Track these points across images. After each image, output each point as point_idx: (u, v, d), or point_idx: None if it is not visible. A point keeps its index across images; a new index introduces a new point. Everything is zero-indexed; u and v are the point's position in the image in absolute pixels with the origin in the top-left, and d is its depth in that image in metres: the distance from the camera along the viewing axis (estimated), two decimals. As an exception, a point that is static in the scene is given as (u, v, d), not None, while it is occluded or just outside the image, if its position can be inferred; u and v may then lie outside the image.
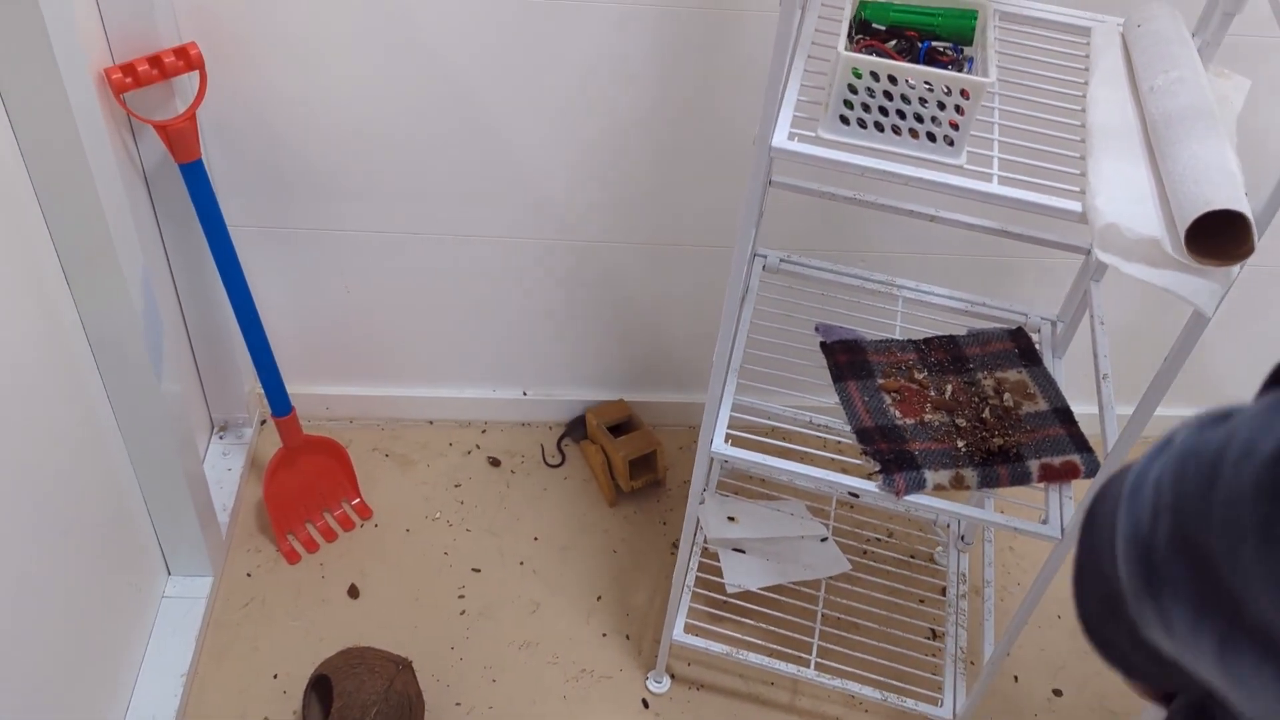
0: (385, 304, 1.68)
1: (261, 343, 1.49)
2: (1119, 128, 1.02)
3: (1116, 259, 0.92)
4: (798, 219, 1.59)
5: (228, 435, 1.73)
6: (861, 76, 0.96)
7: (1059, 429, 1.26)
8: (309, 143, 1.46)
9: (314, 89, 1.41)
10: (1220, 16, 1.11)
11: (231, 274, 1.43)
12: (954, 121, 0.97)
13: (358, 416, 1.82)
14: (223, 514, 1.62)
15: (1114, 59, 1.10)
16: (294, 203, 1.53)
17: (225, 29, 1.34)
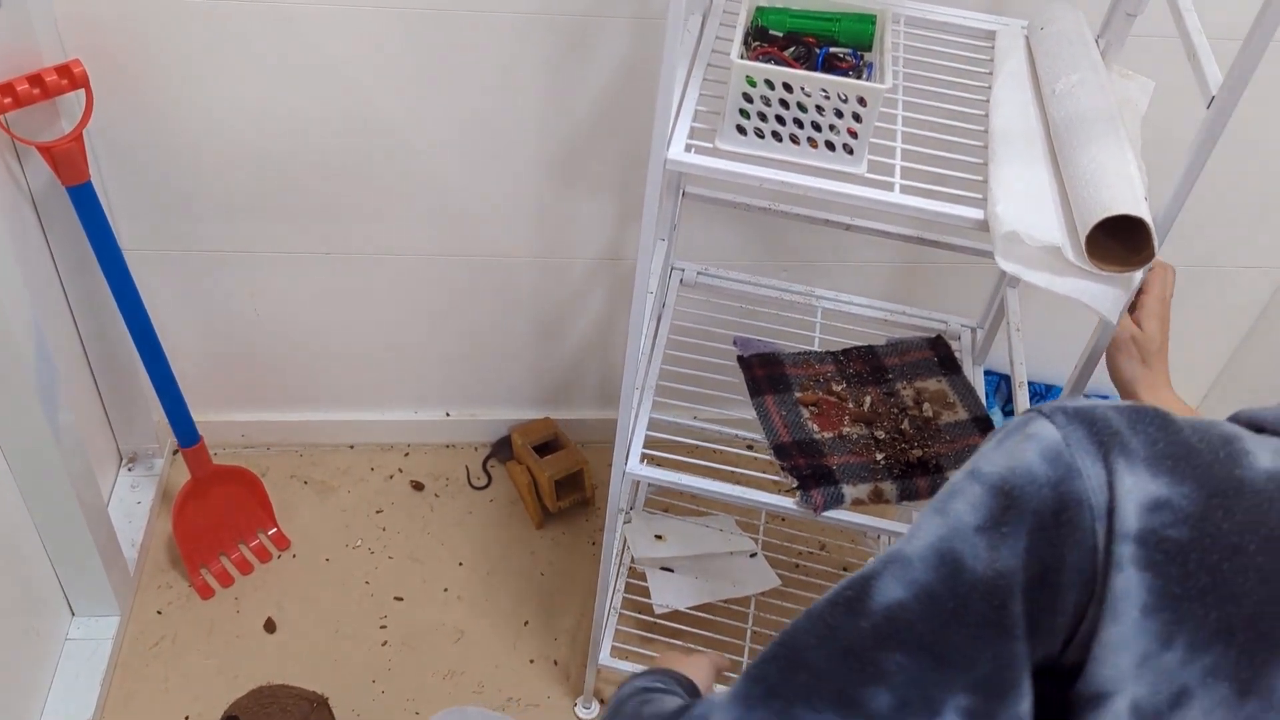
0: (298, 326, 1.62)
1: (163, 371, 1.43)
2: (1021, 132, 1.00)
3: (1018, 267, 0.90)
4: (718, 231, 1.57)
5: (137, 467, 1.67)
6: (756, 85, 0.93)
7: (978, 438, 1.25)
8: (208, 161, 1.41)
9: (210, 105, 1.36)
10: (1122, 17, 1.11)
11: (127, 300, 1.37)
12: (853, 129, 0.94)
13: (275, 443, 1.76)
14: (131, 549, 1.56)
15: (1018, 62, 1.09)
16: (195, 223, 1.47)
17: (112, 44, 1.29)
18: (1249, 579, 0.46)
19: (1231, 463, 0.49)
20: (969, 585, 0.47)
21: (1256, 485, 0.48)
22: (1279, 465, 0.49)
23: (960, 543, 0.48)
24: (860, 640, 0.48)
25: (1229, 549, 0.46)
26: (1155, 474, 0.47)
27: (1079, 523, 0.47)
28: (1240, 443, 0.50)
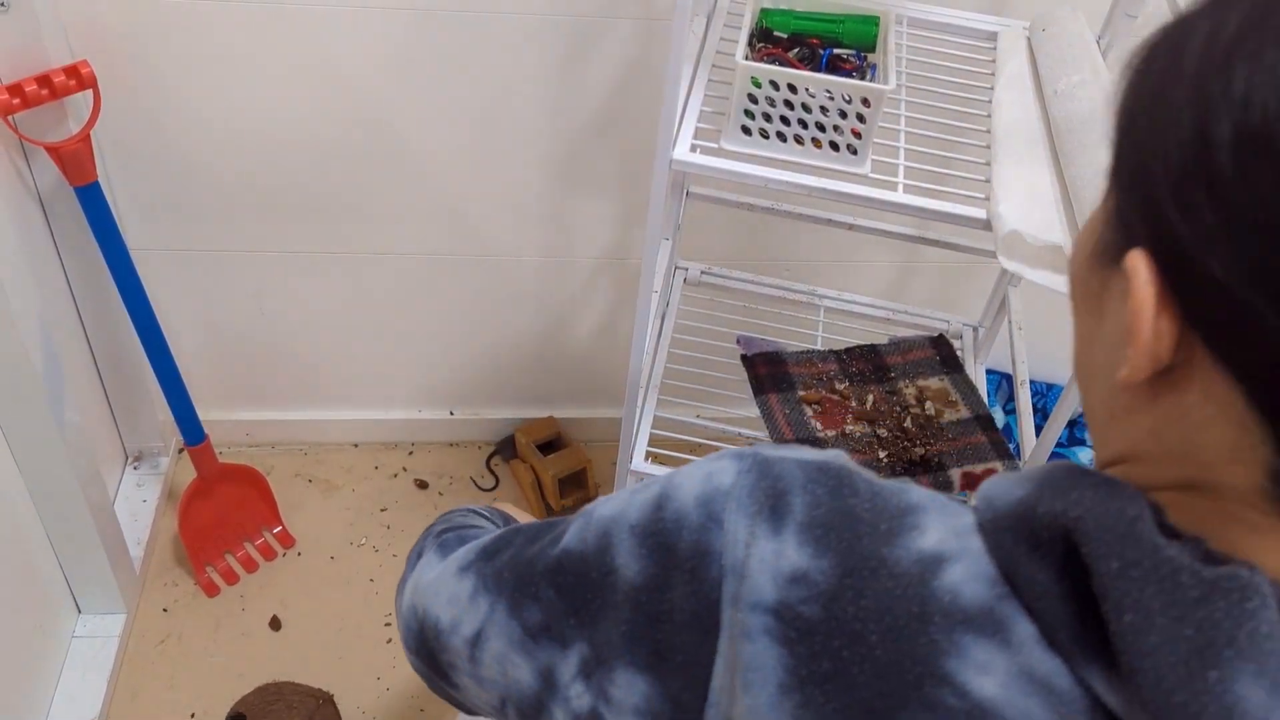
0: (303, 325, 1.63)
1: (170, 370, 1.44)
2: (1024, 132, 1.01)
3: (1020, 266, 0.91)
4: (722, 231, 1.58)
5: (143, 465, 1.67)
6: (761, 86, 0.94)
7: (981, 436, 1.26)
8: (213, 161, 1.42)
9: (216, 106, 1.37)
10: (1123, 18, 1.12)
11: (135, 300, 1.38)
12: (856, 130, 0.95)
13: (279, 442, 1.77)
14: (137, 547, 1.56)
15: (1019, 63, 1.10)
16: (200, 223, 1.48)
17: (119, 46, 1.30)
18: (864, 671, 0.41)
19: (885, 539, 0.43)
20: (605, 567, 0.49)
21: (898, 568, 0.42)
22: (942, 548, 0.43)
23: (617, 530, 0.49)
24: (539, 561, 0.52)
25: (851, 635, 0.42)
26: (802, 543, 0.43)
27: (704, 574, 0.45)
28: (916, 516, 0.44)
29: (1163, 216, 0.38)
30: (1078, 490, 0.39)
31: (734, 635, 0.44)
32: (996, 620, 0.40)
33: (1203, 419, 0.39)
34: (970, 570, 0.41)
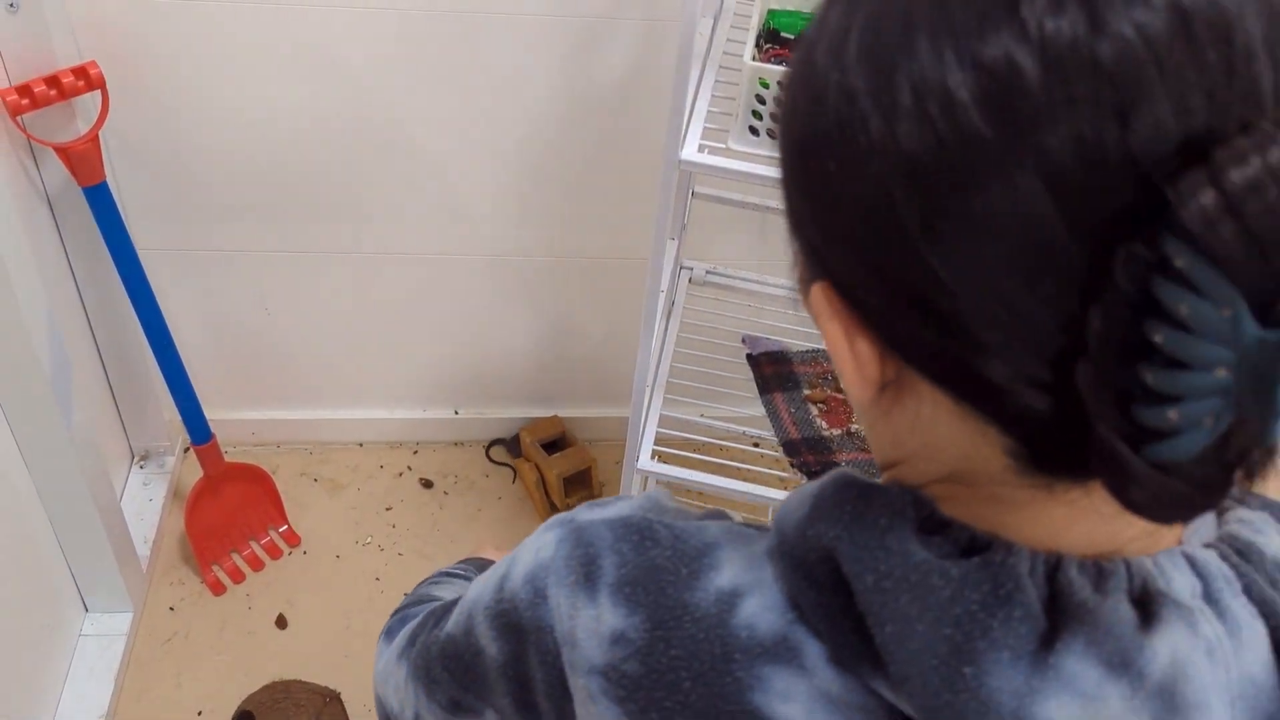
0: (309, 325, 1.64)
1: (177, 370, 1.45)
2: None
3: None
4: (727, 230, 1.58)
5: (149, 465, 1.68)
6: (769, 86, 0.95)
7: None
8: (220, 161, 1.42)
9: (223, 107, 1.37)
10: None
11: (142, 299, 1.39)
12: (863, 130, 0.96)
13: (285, 441, 1.78)
14: (144, 546, 1.57)
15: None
16: (207, 223, 1.49)
17: (127, 47, 1.30)
18: (685, 718, 0.42)
19: (686, 584, 0.44)
20: (474, 649, 0.51)
21: (698, 612, 0.43)
22: (736, 581, 0.43)
23: (475, 612, 0.51)
24: (433, 648, 0.55)
25: (669, 685, 0.43)
26: (615, 604, 0.44)
27: (545, 647, 0.47)
28: (713, 554, 0.45)
29: (817, 246, 0.39)
30: (841, 507, 0.40)
31: (581, 699, 0.46)
32: (791, 647, 0.41)
33: (933, 420, 0.39)
34: (764, 601, 0.42)
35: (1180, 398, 0.31)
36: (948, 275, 0.34)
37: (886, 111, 0.34)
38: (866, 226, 0.36)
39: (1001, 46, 0.32)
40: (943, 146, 0.33)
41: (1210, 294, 0.30)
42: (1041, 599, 0.36)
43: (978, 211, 0.33)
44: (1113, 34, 0.31)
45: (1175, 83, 0.31)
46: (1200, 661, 0.36)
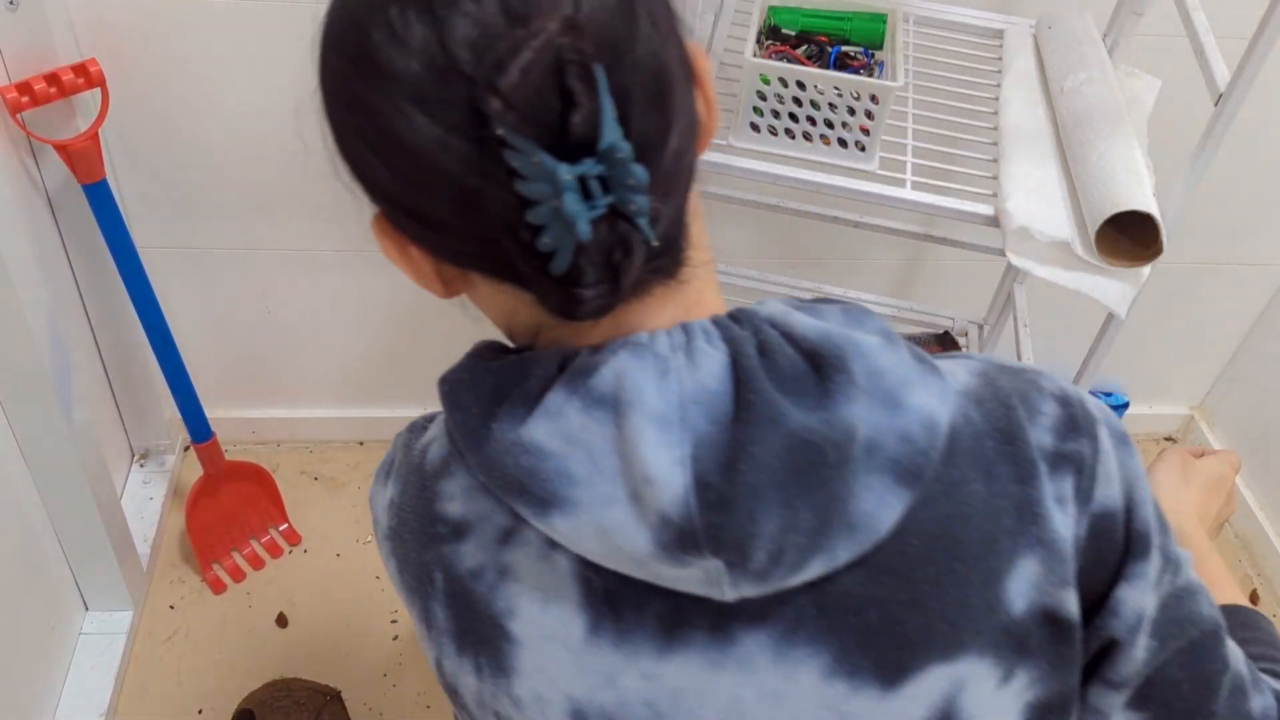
0: (309, 323, 1.63)
1: (177, 368, 1.45)
2: (1031, 129, 1.01)
3: (1029, 263, 0.91)
4: (727, 229, 1.58)
5: (149, 463, 1.68)
6: (770, 83, 0.95)
7: (987, 432, 1.26)
8: (222, 160, 1.42)
9: (224, 104, 1.37)
10: (1129, 16, 1.12)
11: (142, 298, 1.38)
12: (865, 127, 0.96)
13: (285, 439, 1.77)
14: (144, 545, 1.57)
15: (1026, 61, 1.10)
16: (207, 221, 1.48)
17: (127, 44, 1.30)
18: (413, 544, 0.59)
19: (412, 449, 0.60)
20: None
21: (414, 463, 0.59)
22: (432, 434, 0.60)
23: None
24: None
25: (403, 522, 0.59)
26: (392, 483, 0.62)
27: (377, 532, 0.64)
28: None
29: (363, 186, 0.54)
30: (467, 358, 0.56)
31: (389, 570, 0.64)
32: (449, 464, 0.56)
33: (490, 294, 0.55)
34: (439, 440, 0.58)
35: (544, 227, 0.45)
36: (407, 191, 0.50)
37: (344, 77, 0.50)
38: (365, 168, 0.52)
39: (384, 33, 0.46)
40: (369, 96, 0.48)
41: (523, 150, 0.43)
42: (551, 371, 0.51)
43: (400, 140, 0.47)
44: None
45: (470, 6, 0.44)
46: (645, 378, 0.49)
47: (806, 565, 0.51)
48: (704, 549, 0.49)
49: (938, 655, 0.53)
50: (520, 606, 0.55)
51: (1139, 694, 0.58)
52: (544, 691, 0.56)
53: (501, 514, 0.54)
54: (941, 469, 0.52)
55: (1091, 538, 0.55)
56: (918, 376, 0.51)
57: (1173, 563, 0.58)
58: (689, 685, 0.54)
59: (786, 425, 0.48)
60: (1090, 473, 0.54)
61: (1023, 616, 0.54)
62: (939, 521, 0.52)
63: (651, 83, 0.47)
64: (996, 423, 0.54)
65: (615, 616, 0.54)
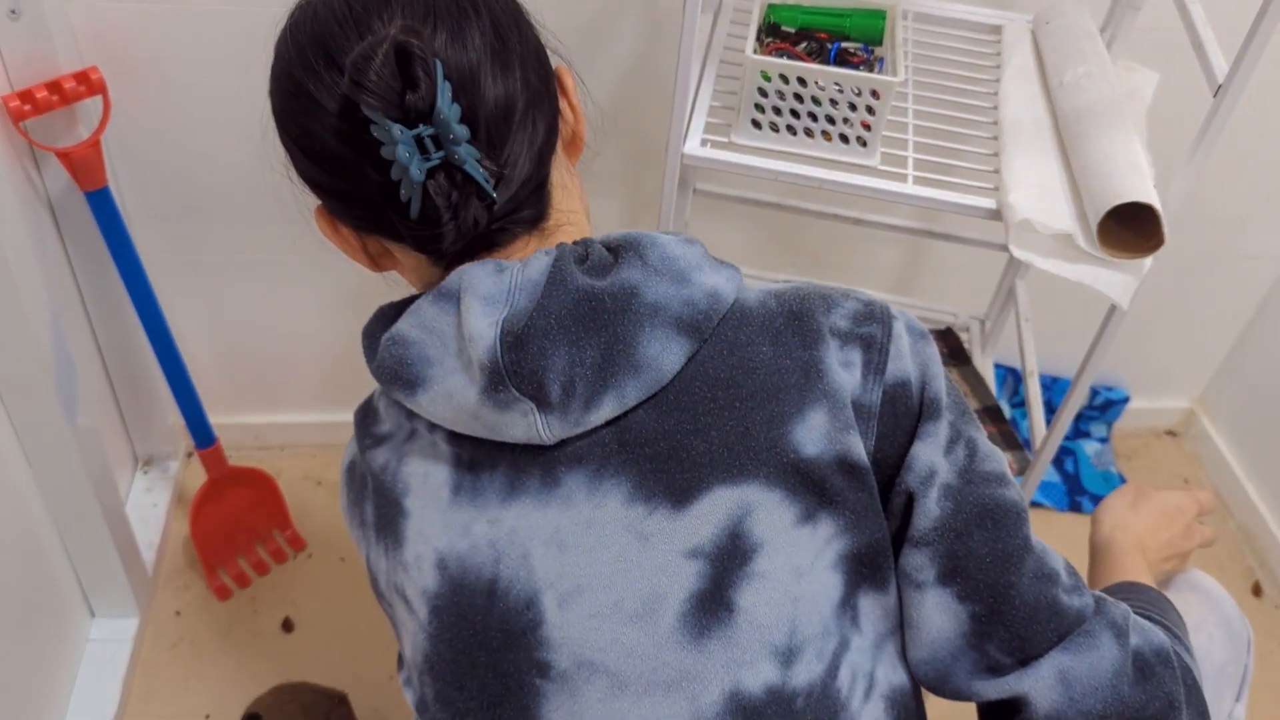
0: (311, 328, 1.64)
1: (180, 374, 1.45)
2: (1031, 123, 1.02)
3: (1031, 255, 0.92)
4: (727, 228, 1.59)
5: (152, 469, 1.68)
6: (771, 80, 0.95)
7: (990, 427, 1.26)
8: (224, 166, 1.42)
9: (226, 111, 1.36)
10: (1126, 10, 1.12)
11: (145, 304, 1.38)
12: (866, 122, 0.96)
13: (288, 444, 1.77)
14: (148, 551, 1.57)
15: (1025, 56, 1.11)
16: (209, 227, 1.49)
17: (129, 51, 1.30)
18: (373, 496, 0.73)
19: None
20: None
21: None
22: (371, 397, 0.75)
23: None
24: None
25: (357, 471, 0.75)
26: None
27: None
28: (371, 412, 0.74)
29: (297, 170, 0.69)
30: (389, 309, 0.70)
31: None
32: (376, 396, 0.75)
33: (402, 260, 0.70)
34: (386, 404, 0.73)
35: (400, 181, 0.60)
36: (321, 174, 0.67)
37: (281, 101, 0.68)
38: (299, 164, 0.69)
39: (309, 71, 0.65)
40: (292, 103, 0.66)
41: (378, 122, 0.58)
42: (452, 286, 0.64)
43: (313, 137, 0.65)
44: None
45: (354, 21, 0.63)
46: (483, 273, 0.63)
47: (600, 401, 0.62)
48: (509, 385, 0.61)
49: (720, 477, 0.63)
50: (411, 484, 0.68)
51: (946, 568, 0.66)
52: (421, 550, 0.67)
53: (408, 420, 0.69)
54: (730, 333, 0.64)
55: (888, 403, 0.65)
56: (709, 265, 0.66)
57: (970, 445, 0.67)
58: (521, 524, 0.65)
59: (574, 284, 0.62)
60: (882, 349, 0.66)
61: (815, 459, 0.64)
62: (724, 370, 0.64)
63: (488, 74, 0.63)
64: (789, 306, 0.66)
65: (474, 477, 0.66)
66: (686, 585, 0.63)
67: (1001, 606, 0.66)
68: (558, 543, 0.64)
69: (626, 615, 0.64)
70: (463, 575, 0.66)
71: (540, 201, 0.69)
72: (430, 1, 0.63)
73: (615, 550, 0.64)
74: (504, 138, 0.64)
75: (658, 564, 0.63)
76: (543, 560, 0.65)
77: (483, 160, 0.62)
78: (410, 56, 0.58)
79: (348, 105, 0.60)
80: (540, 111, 0.67)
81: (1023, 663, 0.66)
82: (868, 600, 0.67)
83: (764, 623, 0.63)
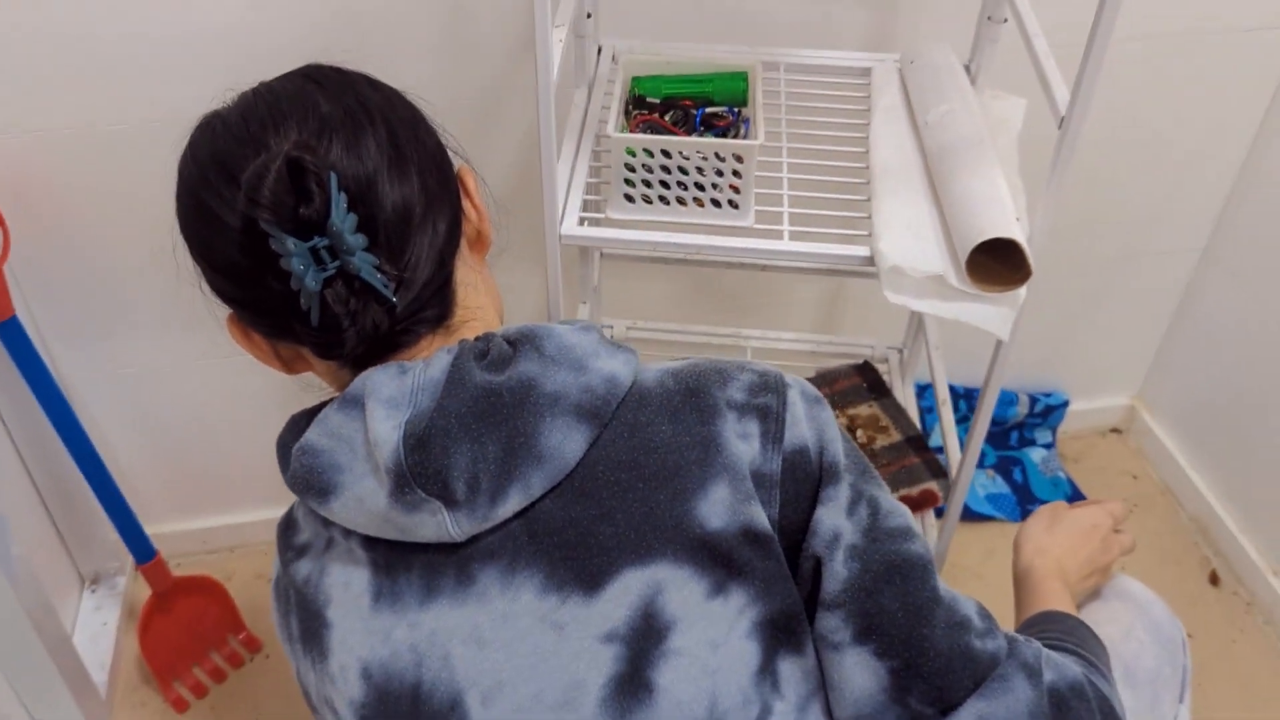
0: (247, 427, 1.63)
1: (112, 493, 1.44)
2: (899, 166, 1.04)
3: (906, 299, 0.93)
4: (646, 283, 1.60)
5: (100, 587, 1.66)
6: (636, 154, 0.96)
7: (914, 458, 1.27)
8: (135, 281, 1.43)
9: (132, 228, 1.38)
10: (987, 43, 1.15)
11: (66, 429, 1.38)
12: (734, 185, 0.97)
13: (238, 545, 1.76)
14: (101, 672, 1.55)
15: (892, 97, 1.13)
16: (130, 342, 1.49)
17: (29, 178, 1.31)
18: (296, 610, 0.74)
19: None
20: None
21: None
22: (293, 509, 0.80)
23: None
24: None
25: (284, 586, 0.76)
26: None
27: None
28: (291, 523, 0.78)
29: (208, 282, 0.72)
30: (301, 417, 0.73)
31: None
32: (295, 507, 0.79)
33: (314, 363, 0.73)
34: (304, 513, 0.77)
35: (299, 291, 0.62)
36: (229, 286, 0.70)
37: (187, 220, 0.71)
38: (209, 277, 0.71)
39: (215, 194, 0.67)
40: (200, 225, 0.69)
41: (275, 235, 0.61)
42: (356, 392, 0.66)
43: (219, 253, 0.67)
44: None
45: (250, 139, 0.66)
46: (385, 377, 0.65)
47: (506, 494, 0.63)
48: (414, 486, 0.62)
49: (629, 560, 0.64)
50: (333, 594, 0.69)
51: (860, 626, 0.67)
52: (345, 660, 0.68)
53: (325, 528, 0.70)
54: (630, 415, 0.66)
55: (788, 470, 0.67)
56: (605, 350, 0.67)
57: (872, 504, 0.69)
58: (440, 624, 0.66)
59: (472, 381, 0.64)
60: (778, 418, 0.67)
61: (720, 532, 0.65)
62: (626, 452, 0.65)
63: (385, 181, 0.66)
64: (686, 384, 0.68)
65: (392, 582, 0.67)
66: (604, 670, 0.64)
67: (917, 659, 0.67)
68: (477, 640, 0.65)
69: (548, 706, 0.65)
70: (386, 682, 0.66)
71: (444, 301, 0.71)
72: (325, 116, 0.66)
73: (532, 642, 0.65)
74: (404, 242, 0.66)
75: (574, 652, 0.64)
76: (463, 659, 0.65)
77: (383, 265, 0.64)
78: (303, 171, 0.60)
79: (247, 220, 0.62)
80: (440, 214, 0.69)
81: (943, 712, 0.68)
82: (787, 665, 0.68)
83: (684, 699, 0.64)
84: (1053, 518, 1.00)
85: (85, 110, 1.26)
